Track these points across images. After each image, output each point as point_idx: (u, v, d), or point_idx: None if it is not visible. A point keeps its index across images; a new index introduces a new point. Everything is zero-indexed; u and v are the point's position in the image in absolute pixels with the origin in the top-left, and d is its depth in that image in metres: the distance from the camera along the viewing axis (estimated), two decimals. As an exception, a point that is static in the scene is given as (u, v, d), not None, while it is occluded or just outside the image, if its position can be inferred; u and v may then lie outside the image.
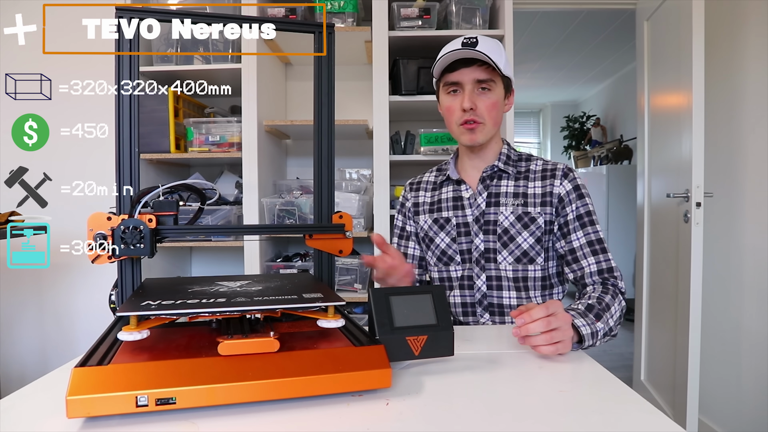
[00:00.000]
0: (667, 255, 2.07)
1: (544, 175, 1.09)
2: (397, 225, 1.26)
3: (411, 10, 1.92)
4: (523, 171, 1.11)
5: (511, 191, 1.09)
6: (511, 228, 1.06)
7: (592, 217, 1.05)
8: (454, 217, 1.12)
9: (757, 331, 1.84)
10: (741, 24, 1.94)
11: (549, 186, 1.07)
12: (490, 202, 1.09)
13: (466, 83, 1.03)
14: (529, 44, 3.99)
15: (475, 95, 1.04)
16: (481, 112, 1.04)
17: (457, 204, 1.13)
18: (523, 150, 1.28)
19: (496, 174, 1.11)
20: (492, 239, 1.08)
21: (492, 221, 1.08)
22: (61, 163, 2.11)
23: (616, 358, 3.20)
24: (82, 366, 0.52)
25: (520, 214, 1.06)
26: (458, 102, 1.05)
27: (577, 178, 1.08)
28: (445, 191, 1.16)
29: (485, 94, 1.04)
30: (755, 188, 1.86)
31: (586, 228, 1.04)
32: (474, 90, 1.04)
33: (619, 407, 0.57)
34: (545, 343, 0.74)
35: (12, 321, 2.15)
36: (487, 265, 1.08)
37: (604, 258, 1.02)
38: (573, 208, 1.05)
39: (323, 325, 0.62)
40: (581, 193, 1.06)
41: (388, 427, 0.51)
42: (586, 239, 1.03)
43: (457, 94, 1.05)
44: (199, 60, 1.92)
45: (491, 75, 1.03)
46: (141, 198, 0.70)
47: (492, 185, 1.10)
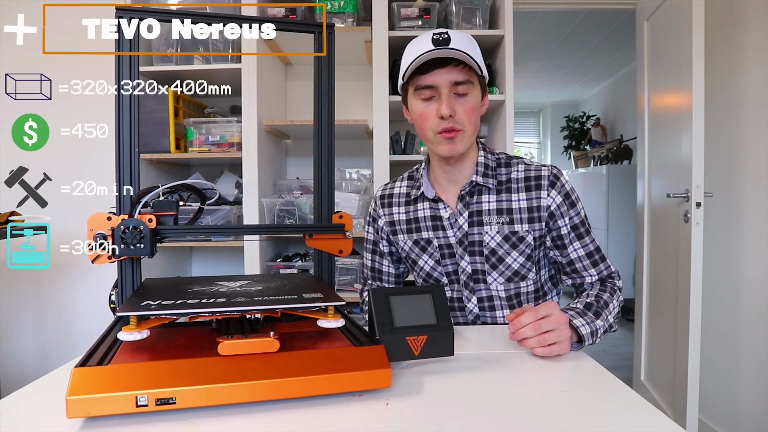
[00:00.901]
0: (667, 255, 2.07)
1: (528, 185, 0.99)
2: (369, 239, 1.16)
3: (411, 10, 1.92)
4: (504, 181, 1.01)
5: (494, 207, 1.00)
6: (499, 249, 0.99)
7: (586, 225, 1.00)
8: (435, 239, 1.03)
9: (757, 332, 1.84)
10: (741, 24, 1.94)
11: (536, 200, 0.98)
12: (472, 222, 1.00)
13: (442, 86, 0.92)
14: (529, 44, 3.99)
15: (452, 99, 0.92)
16: (461, 119, 0.93)
17: (436, 224, 1.03)
18: (525, 149, 1.26)
19: (476, 189, 1.01)
20: (479, 260, 1.00)
21: (477, 242, 1.00)
22: (61, 163, 2.11)
23: (616, 358, 3.20)
24: (82, 366, 0.52)
25: (507, 234, 0.99)
26: (434, 108, 0.93)
27: (565, 184, 1.00)
28: (421, 208, 1.05)
29: (463, 98, 0.93)
30: (755, 188, 1.86)
31: (583, 239, 0.99)
32: (450, 93, 0.92)
33: (619, 407, 0.57)
34: (537, 345, 0.75)
35: (12, 321, 2.15)
36: (476, 286, 1.02)
37: (604, 266, 1.00)
38: (566, 221, 0.98)
39: (323, 325, 0.62)
40: (572, 201, 0.99)
41: (388, 427, 0.51)
42: (584, 251, 0.99)
43: (431, 100, 0.94)
44: (199, 60, 1.92)
45: (469, 75, 0.92)
46: (141, 198, 0.70)
47: (472, 202, 1.01)
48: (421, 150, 1.97)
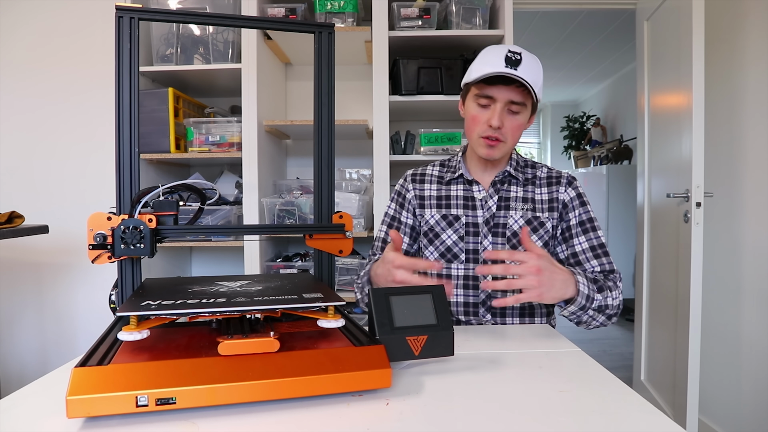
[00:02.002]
0: (667, 255, 2.07)
1: (549, 181, 1.12)
2: (388, 213, 1.22)
3: (411, 10, 1.92)
4: (530, 177, 1.14)
5: (521, 196, 1.12)
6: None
7: (594, 223, 1.09)
8: (464, 216, 1.13)
9: (757, 331, 1.84)
10: (741, 24, 1.94)
11: (555, 192, 1.11)
12: (500, 206, 1.11)
13: (499, 101, 1.02)
14: (529, 44, 3.99)
15: (504, 114, 1.03)
16: (506, 132, 1.04)
17: (467, 203, 1.13)
18: (525, 149, 1.29)
19: (507, 179, 1.13)
20: (501, 241, 1.09)
21: (502, 224, 1.10)
22: (61, 163, 2.12)
23: (616, 358, 3.20)
24: (82, 366, 0.52)
25: (529, 218, 1.09)
26: (486, 116, 1.04)
27: (579, 186, 1.13)
28: (454, 189, 1.16)
29: (514, 115, 1.04)
30: (755, 188, 1.86)
31: (589, 234, 1.07)
32: (504, 108, 1.03)
33: (619, 407, 0.57)
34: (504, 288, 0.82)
35: (12, 321, 2.15)
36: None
37: (606, 261, 1.06)
38: (576, 214, 1.09)
39: (323, 325, 0.62)
40: (584, 200, 1.11)
41: (388, 427, 0.51)
42: (588, 244, 1.07)
43: (487, 108, 1.04)
44: (199, 60, 1.92)
45: (525, 98, 1.03)
46: (141, 198, 0.70)
47: (503, 189, 1.13)
48: (421, 150, 1.97)
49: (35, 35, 2.07)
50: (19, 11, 2.06)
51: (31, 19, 2.06)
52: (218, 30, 1.92)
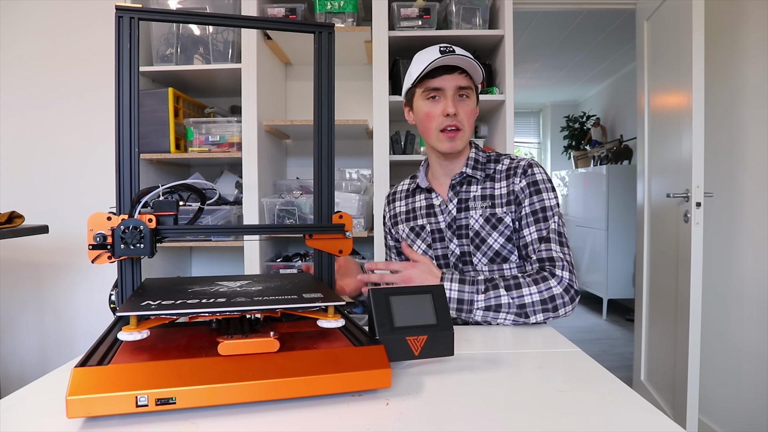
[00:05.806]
0: (667, 255, 2.07)
1: (508, 174, 1.10)
2: (384, 236, 1.33)
3: (411, 10, 1.92)
4: (491, 173, 1.13)
5: (479, 194, 1.11)
6: (482, 230, 1.08)
7: (547, 213, 1.04)
8: (428, 224, 1.16)
9: (757, 331, 1.84)
10: (741, 24, 1.94)
11: (511, 184, 1.09)
12: (460, 208, 1.12)
13: (448, 89, 1.05)
14: (529, 44, 3.99)
15: (456, 100, 1.06)
16: (462, 118, 1.07)
17: (429, 211, 1.17)
18: (525, 149, 1.29)
19: (465, 180, 1.14)
20: (466, 242, 1.10)
21: (464, 225, 1.11)
22: (61, 163, 2.12)
23: (616, 358, 3.20)
24: (82, 366, 0.52)
25: (488, 216, 1.09)
26: (439, 108, 1.07)
27: (538, 173, 1.07)
28: (418, 199, 1.21)
29: (464, 101, 1.07)
30: (755, 188, 1.86)
31: (539, 224, 1.04)
32: (455, 95, 1.06)
33: (619, 407, 0.57)
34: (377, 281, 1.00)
35: (12, 321, 2.14)
36: (464, 268, 1.11)
37: (546, 247, 1.01)
38: (528, 203, 1.06)
39: (323, 325, 0.62)
40: (539, 188, 1.06)
41: (388, 427, 0.51)
42: (537, 234, 1.03)
43: (438, 100, 1.07)
44: (199, 60, 1.92)
45: (470, 83, 1.08)
46: (141, 198, 0.70)
47: (461, 191, 1.13)
48: (420, 150, 1.97)
49: (35, 35, 2.07)
50: (19, 11, 2.06)
51: (31, 19, 2.06)
52: (218, 30, 1.92)
